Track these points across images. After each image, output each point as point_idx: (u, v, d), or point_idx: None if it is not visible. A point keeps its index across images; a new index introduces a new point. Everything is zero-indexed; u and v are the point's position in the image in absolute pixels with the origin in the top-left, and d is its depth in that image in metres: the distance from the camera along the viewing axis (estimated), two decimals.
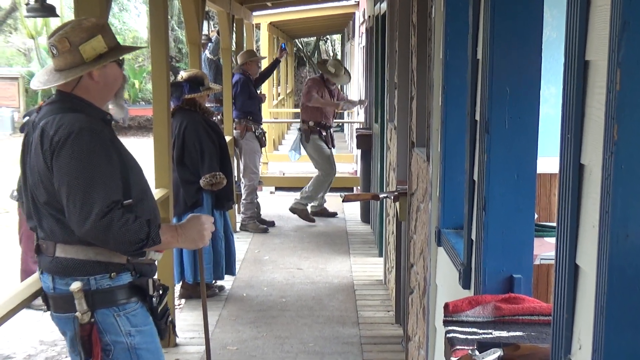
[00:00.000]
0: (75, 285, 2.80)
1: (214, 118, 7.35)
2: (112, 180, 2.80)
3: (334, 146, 9.94)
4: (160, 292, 3.10)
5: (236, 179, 9.19)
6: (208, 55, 10.21)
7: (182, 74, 6.27)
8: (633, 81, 1.29)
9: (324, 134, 9.61)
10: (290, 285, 7.00)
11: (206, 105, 6.62)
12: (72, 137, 2.75)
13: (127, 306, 2.94)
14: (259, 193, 9.51)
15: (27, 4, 4.28)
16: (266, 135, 9.90)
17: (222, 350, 5.46)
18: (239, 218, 9.44)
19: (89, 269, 2.86)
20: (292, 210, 9.57)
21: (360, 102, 10.63)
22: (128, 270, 2.94)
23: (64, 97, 2.93)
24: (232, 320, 6.10)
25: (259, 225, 9.06)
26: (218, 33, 9.96)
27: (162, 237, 2.86)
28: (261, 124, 9.59)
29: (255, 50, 11.38)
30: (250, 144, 9.08)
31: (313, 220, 9.58)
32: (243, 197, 8.95)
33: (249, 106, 9.21)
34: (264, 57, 11.39)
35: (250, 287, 6.98)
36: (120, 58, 3.03)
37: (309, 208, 9.81)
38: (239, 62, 9.65)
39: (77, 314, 2.81)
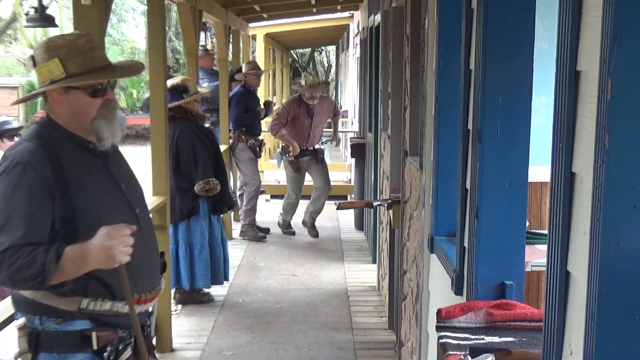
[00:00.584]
0: (19, 322, 2.57)
1: (207, 124, 7.40)
2: (28, 223, 2.39)
3: (320, 162, 9.11)
4: (120, 347, 2.63)
5: (232, 188, 9.20)
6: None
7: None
8: (624, 90, 1.29)
9: (290, 159, 8.91)
10: (285, 291, 6.99)
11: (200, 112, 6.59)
12: (5, 171, 2.45)
13: (71, 355, 2.56)
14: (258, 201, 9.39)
15: (26, 15, 4.29)
16: (263, 146, 9.67)
17: (217, 355, 5.45)
18: (234, 225, 9.44)
19: (36, 309, 2.53)
20: (279, 224, 9.49)
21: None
22: (82, 319, 2.54)
23: (43, 120, 2.68)
24: (228, 325, 6.09)
25: (258, 233, 9.00)
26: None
27: (64, 262, 2.36)
28: (258, 136, 9.34)
29: (252, 60, 11.07)
30: (243, 154, 8.99)
31: (292, 234, 9.37)
32: (244, 203, 8.92)
33: (244, 119, 9.05)
34: (265, 71, 10.87)
35: (245, 293, 6.97)
36: (92, 87, 2.55)
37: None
38: (242, 70, 9.39)
39: (16, 353, 2.57)
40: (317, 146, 9.15)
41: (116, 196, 2.67)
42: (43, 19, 4.17)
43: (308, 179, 9.49)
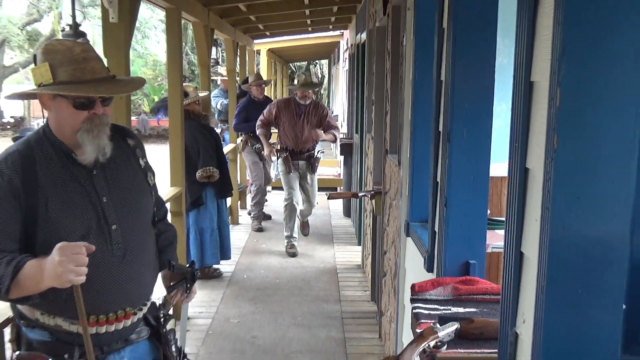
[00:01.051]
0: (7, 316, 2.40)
1: (218, 129, 7.43)
2: None
3: (313, 172, 7.65)
4: None
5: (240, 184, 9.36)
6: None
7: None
8: (571, 98, 1.29)
9: (283, 156, 7.48)
10: (284, 269, 6.98)
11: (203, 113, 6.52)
12: None
13: None
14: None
15: (62, 31, 4.25)
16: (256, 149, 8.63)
17: (225, 322, 5.45)
18: (241, 212, 9.45)
19: (13, 307, 2.24)
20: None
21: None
22: (41, 329, 2.17)
23: (43, 124, 2.25)
24: (234, 298, 6.08)
25: (257, 225, 8.78)
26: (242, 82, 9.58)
27: (21, 276, 1.96)
28: (256, 140, 8.40)
29: (257, 72, 10.81)
30: (249, 156, 8.69)
31: (293, 255, 7.54)
32: (251, 197, 8.85)
33: (241, 128, 8.62)
34: (267, 81, 9.76)
35: (249, 271, 6.96)
36: (77, 97, 2.09)
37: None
38: (249, 80, 9.04)
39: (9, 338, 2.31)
40: (315, 154, 7.71)
41: (87, 210, 2.13)
42: (76, 34, 4.13)
43: None
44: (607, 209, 1.31)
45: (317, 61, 27.72)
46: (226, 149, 7.89)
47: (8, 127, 25.28)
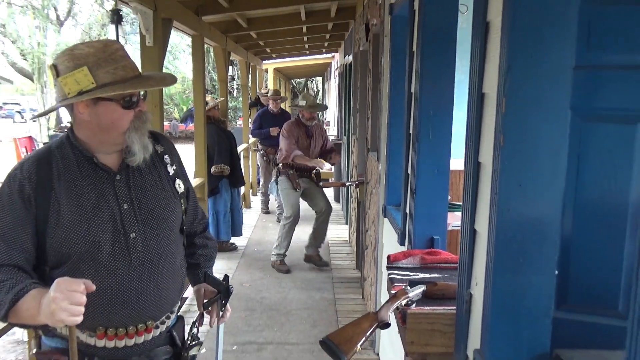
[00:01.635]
0: None
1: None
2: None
3: (318, 185, 6.10)
4: None
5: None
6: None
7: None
8: (514, 106, 1.29)
9: (291, 173, 5.91)
10: None
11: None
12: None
13: None
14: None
15: None
16: (266, 155, 8.10)
17: (240, 286, 5.44)
18: (252, 198, 9.43)
19: None
20: (272, 266, 6.01)
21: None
22: (62, 338, 1.68)
23: (64, 133, 1.76)
24: (247, 266, 6.08)
25: (264, 208, 8.68)
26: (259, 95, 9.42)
27: (22, 308, 1.49)
28: (269, 147, 7.97)
29: (265, 87, 10.58)
30: (259, 159, 8.43)
31: (287, 271, 5.90)
32: (261, 186, 8.79)
33: (256, 134, 8.18)
34: (284, 99, 8.96)
35: (259, 244, 6.95)
36: (130, 98, 1.64)
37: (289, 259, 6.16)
38: (268, 94, 8.65)
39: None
40: (320, 170, 6.24)
41: (103, 217, 1.64)
42: None
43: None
44: (543, 194, 1.31)
45: (313, 78, 27.63)
46: (239, 148, 7.86)
47: (65, 130, 25.11)
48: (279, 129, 7.50)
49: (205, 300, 1.91)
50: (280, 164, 5.94)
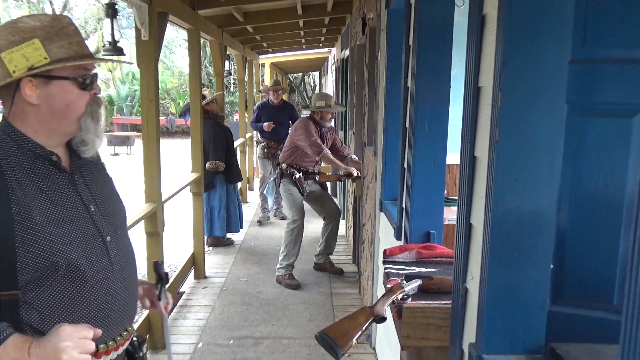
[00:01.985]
0: None
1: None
2: None
3: (325, 189, 5.67)
4: None
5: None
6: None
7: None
8: (509, 100, 1.29)
9: (297, 177, 5.35)
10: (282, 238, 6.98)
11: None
12: None
13: None
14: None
15: (103, 46, 4.21)
16: (267, 148, 7.69)
17: (236, 280, 5.45)
18: (249, 193, 9.42)
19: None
20: (278, 281, 5.37)
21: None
22: None
23: None
24: (243, 261, 6.08)
25: (262, 205, 8.10)
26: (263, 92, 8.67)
27: (2, 354, 1.24)
28: (268, 140, 7.64)
29: (262, 83, 9.94)
30: (258, 151, 7.96)
31: (297, 287, 5.24)
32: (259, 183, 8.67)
33: (253, 127, 7.93)
34: (286, 90, 8.31)
35: (256, 239, 6.95)
36: (81, 76, 1.40)
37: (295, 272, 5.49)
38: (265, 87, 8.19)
39: None
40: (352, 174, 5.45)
41: (80, 222, 1.42)
42: (115, 50, 4.09)
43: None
44: (538, 188, 1.31)
45: (310, 73, 27.59)
46: (236, 143, 7.81)
47: None
48: (273, 124, 7.44)
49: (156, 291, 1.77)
50: (284, 164, 5.40)
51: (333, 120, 5.67)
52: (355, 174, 5.34)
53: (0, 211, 1.29)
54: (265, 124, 7.53)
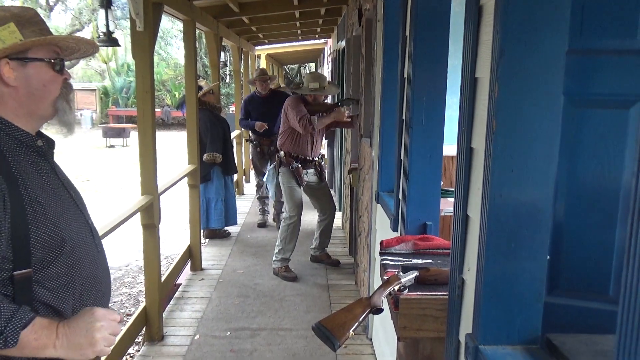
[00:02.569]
0: None
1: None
2: None
3: (323, 180, 5.40)
4: None
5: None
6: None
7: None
8: (506, 91, 1.28)
9: (295, 166, 5.12)
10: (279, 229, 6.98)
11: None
12: None
13: None
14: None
15: (98, 37, 4.18)
16: (260, 147, 6.91)
17: (233, 273, 5.45)
18: (245, 184, 9.42)
19: None
20: (275, 273, 5.34)
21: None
22: None
23: None
24: (240, 253, 6.08)
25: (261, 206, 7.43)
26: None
27: (28, 337, 1.26)
28: (258, 137, 6.87)
29: (260, 67, 8.54)
30: (251, 150, 7.13)
31: (293, 279, 5.22)
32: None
33: (243, 125, 7.05)
34: (274, 77, 7.65)
35: (252, 231, 6.95)
36: (54, 59, 1.44)
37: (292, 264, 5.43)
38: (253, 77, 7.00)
39: None
40: (322, 162, 5.46)
41: (69, 205, 1.47)
42: (110, 40, 4.06)
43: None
44: (535, 180, 1.31)
45: (306, 64, 27.52)
46: (232, 135, 7.67)
47: None
48: (266, 125, 6.61)
49: None
50: (283, 152, 5.16)
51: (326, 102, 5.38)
52: (344, 117, 5.07)
53: (10, 190, 1.31)
54: (258, 123, 6.68)
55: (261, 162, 7.02)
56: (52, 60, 1.44)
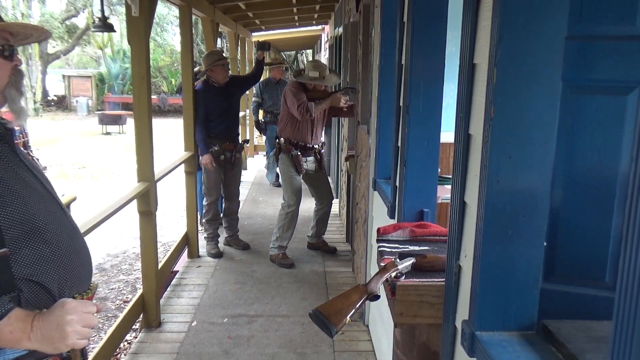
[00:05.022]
0: None
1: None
2: None
3: (322, 168, 5.28)
4: None
5: None
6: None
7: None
8: (505, 77, 1.28)
9: (294, 154, 5.03)
10: (276, 217, 6.95)
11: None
12: None
13: None
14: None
15: (93, 23, 4.15)
16: (225, 156, 5.32)
17: (230, 260, 5.46)
18: (243, 172, 9.39)
19: None
20: (272, 260, 5.28)
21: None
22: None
23: None
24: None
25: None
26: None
27: (3, 329, 1.26)
28: (221, 142, 5.29)
29: (214, 49, 6.13)
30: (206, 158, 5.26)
31: (290, 265, 5.21)
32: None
33: (199, 134, 5.21)
34: (227, 58, 5.52)
35: (249, 218, 6.95)
36: (2, 45, 1.38)
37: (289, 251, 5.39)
38: (203, 66, 5.41)
39: None
40: (322, 150, 5.31)
41: (36, 186, 1.45)
42: (105, 26, 4.03)
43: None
44: (532, 166, 1.31)
45: (303, 50, 27.39)
46: None
47: (52, 103, 24.96)
48: (210, 160, 5.17)
49: None
50: (282, 139, 5.05)
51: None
52: (342, 102, 4.97)
53: None
54: (204, 157, 5.17)
55: (217, 175, 5.38)
56: (4, 47, 1.39)
